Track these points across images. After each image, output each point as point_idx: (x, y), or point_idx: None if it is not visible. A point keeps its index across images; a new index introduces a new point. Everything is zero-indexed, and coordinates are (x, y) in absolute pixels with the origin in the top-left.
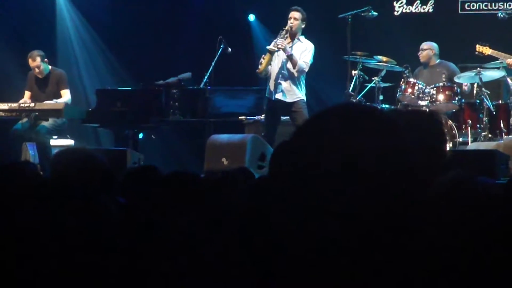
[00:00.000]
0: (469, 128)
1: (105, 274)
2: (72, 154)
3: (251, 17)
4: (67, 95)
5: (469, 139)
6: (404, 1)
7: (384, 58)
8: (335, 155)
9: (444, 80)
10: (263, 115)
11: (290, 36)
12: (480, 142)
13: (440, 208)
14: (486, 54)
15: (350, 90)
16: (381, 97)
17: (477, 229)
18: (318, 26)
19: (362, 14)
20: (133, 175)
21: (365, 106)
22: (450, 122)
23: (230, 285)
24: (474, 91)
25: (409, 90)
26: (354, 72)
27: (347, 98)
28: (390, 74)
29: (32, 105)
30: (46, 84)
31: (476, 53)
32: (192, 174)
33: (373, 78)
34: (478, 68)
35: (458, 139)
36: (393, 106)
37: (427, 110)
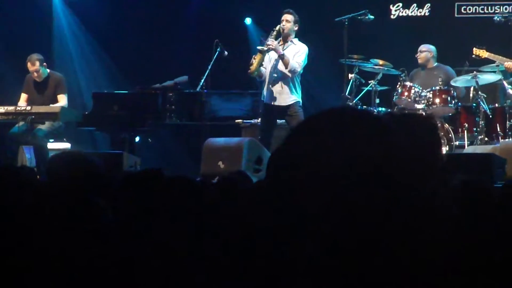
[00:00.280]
0: (466, 132)
1: (100, 276)
2: (67, 158)
3: (248, 21)
4: (64, 101)
5: (466, 143)
6: (401, 5)
7: (381, 62)
8: (329, 159)
9: (441, 84)
10: (260, 119)
11: (283, 39)
12: (477, 146)
13: (452, 210)
14: (483, 57)
15: (347, 93)
16: (378, 101)
17: (490, 230)
18: (315, 30)
19: (359, 18)
20: (135, 179)
21: (359, 110)
22: (447, 126)
23: None
24: (471, 95)
25: (406, 94)
26: (351, 76)
27: (344, 101)
28: (387, 78)
29: (29, 109)
30: (44, 88)
31: (473, 56)
32: (189, 179)
33: (370, 82)
34: (475, 72)
35: (455, 143)
36: (390, 110)
37: (422, 114)
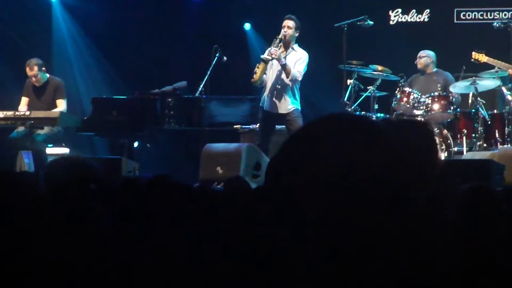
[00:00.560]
0: (464, 138)
1: (99, 282)
2: (66, 163)
3: (247, 26)
4: (62, 105)
5: (464, 149)
6: (400, 10)
7: (380, 67)
8: (328, 165)
9: (439, 89)
10: (258, 124)
11: (284, 45)
12: (475, 152)
13: (452, 215)
14: (482, 62)
15: (346, 99)
16: (377, 106)
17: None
18: (314, 35)
19: (358, 23)
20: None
21: (357, 116)
22: (446, 132)
23: None
24: (470, 101)
25: (404, 99)
26: (350, 81)
27: (343, 107)
28: (386, 83)
29: (28, 113)
30: (43, 93)
31: (472, 60)
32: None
33: (369, 87)
34: (474, 78)
35: (453, 149)
36: (388, 115)
37: (418, 120)
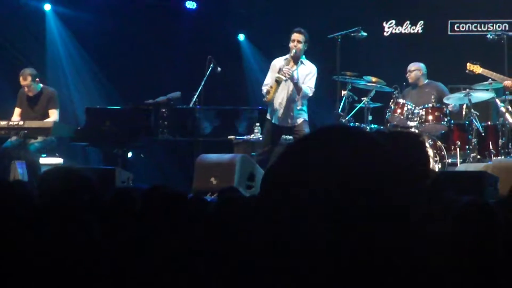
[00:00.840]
0: (458, 149)
1: None
2: (60, 173)
3: (241, 37)
4: (55, 115)
5: (458, 160)
6: (394, 22)
7: (374, 79)
8: (322, 177)
9: (433, 101)
10: (252, 135)
11: (293, 59)
12: (469, 163)
13: (445, 227)
14: (477, 73)
15: (339, 110)
16: (370, 118)
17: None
18: (308, 46)
19: (352, 35)
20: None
21: (350, 127)
22: (439, 143)
23: None
24: (463, 112)
25: (398, 111)
26: (344, 92)
27: (336, 118)
28: (380, 95)
29: (21, 123)
30: (36, 103)
31: (467, 71)
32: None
33: (363, 99)
34: (467, 90)
35: (447, 160)
36: (382, 127)
37: (411, 131)
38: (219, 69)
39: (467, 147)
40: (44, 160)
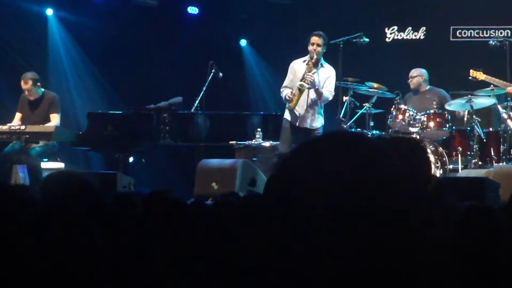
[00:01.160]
0: (460, 155)
1: None
2: (63, 177)
3: (243, 42)
4: (56, 120)
5: (460, 166)
6: (396, 28)
7: (375, 85)
8: (325, 183)
9: (435, 107)
10: (254, 140)
11: (314, 63)
12: (471, 170)
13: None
14: (480, 79)
15: (341, 116)
16: (372, 124)
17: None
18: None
19: (354, 41)
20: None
21: (352, 133)
22: (441, 149)
23: None
24: (465, 118)
25: (400, 117)
26: (345, 98)
27: (338, 124)
28: (381, 101)
29: (23, 128)
30: (37, 107)
31: (470, 78)
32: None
33: (364, 104)
34: (469, 96)
35: (449, 166)
36: (384, 133)
37: (412, 137)
38: (221, 75)
39: (469, 153)
40: (45, 165)
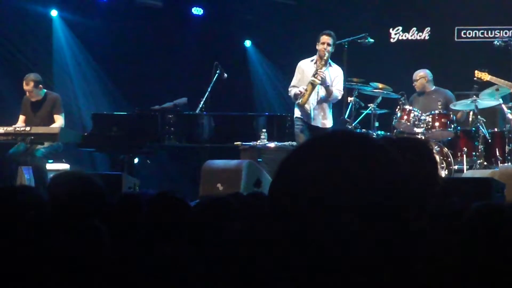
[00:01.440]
0: (465, 156)
1: None
2: (70, 178)
3: (247, 43)
4: (60, 121)
5: (465, 167)
6: (401, 28)
7: (380, 85)
8: (329, 184)
9: (440, 108)
10: (259, 141)
11: (323, 62)
12: (476, 170)
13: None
14: (485, 80)
15: (346, 117)
16: (377, 124)
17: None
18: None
19: (359, 41)
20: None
21: (357, 134)
22: (446, 150)
23: None
24: (470, 119)
25: (405, 117)
26: (350, 99)
27: (343, 125)
28: (386, 101)
29: (28, 129)
30: (40, 108)
31: (475, 79)
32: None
33: (369, 105)
34: (474, 96)
35: (454, 167)
36: (389, 133)
37: (418, 137)
38: (226, 75)
39: (474, 154)
40: (51, 166)
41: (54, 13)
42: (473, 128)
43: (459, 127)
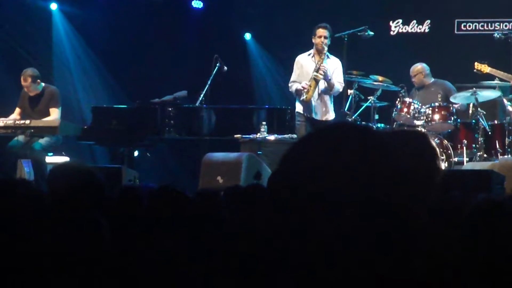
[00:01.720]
0: (465, 148)
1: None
2: (69, 171)
3: (247, 36)
4: (55, 114)
5: (465, 159)
6: (401, 21)
7: (380, 78)
8: (329, 176)
9: (440, 100)
10: (259, 134)
11: (321, 55)
12: (476, 162)
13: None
14: (485, 72)
15: (346, 109)
16: (377, 117)
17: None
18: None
19: (359, 34)
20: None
21: (358, 125)
22: (446, 142)
23: None
24: (470, 111)
25: (405, 110)
26: (350, 91)
27: (343, 117)
28: (386, 94)
29: (28, 122)
30: (37, 102)
31: (475, 71)
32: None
33: (369, 98)
34: (474, 88)
35: (454, 159)
36: (389, 126)
37: (418, 130)
38: (226, 68)
39: (474, 146)
40: (50, 159)
41: (54, 6)
42: (473, 121)
43: (459, 120)
